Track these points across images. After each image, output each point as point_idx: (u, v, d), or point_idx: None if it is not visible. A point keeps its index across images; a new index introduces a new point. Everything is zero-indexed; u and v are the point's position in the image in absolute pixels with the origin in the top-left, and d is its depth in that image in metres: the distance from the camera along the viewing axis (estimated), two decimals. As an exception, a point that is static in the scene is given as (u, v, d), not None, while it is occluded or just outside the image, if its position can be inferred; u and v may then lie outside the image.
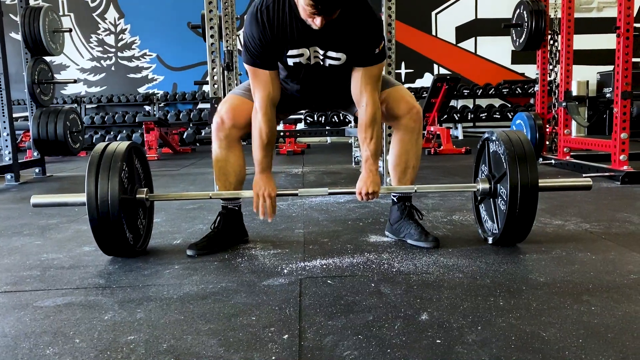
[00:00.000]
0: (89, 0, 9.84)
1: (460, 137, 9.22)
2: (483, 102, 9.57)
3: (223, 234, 2.16)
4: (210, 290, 1.64)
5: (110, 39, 9.92)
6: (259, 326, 1.35)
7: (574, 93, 9.17)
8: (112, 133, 9.43)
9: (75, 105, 9.57)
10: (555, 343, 1.21)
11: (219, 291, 1.63)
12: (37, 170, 5.12)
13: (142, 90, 9.98)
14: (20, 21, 4.82)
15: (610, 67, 8.94)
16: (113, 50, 9.95)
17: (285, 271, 1.82)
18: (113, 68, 9.97)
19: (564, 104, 4.62)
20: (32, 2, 5.14)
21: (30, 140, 5.04)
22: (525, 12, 5.01)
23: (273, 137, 2.00)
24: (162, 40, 9.85)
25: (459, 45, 9.96)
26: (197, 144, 9.14)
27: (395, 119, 2.07)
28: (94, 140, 9.22)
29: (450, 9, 9.92)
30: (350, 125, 3.64)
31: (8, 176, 4.59)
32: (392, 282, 1.67)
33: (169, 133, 7.77)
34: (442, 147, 6.43)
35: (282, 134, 5.83)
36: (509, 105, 9.50)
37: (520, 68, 9.81)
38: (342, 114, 8.80)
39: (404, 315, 1.39)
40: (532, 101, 9.36)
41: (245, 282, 1.71)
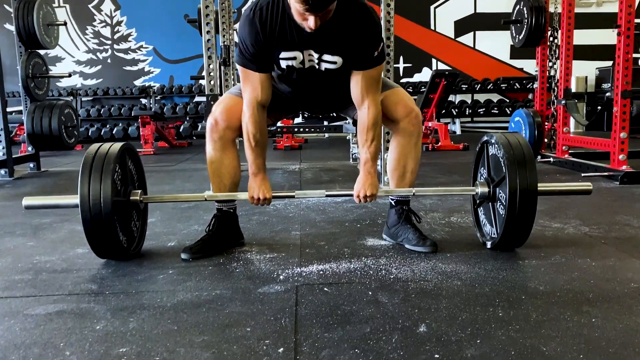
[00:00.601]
0: (85, -8, 9.75)
1: (458, 132, 9.19)
2: (481, 97, 9.53)
3: (218, 236, 2.12)
4: (204, 298, 1.61)
5: (106, 31, 9.83)
6: (254, 338, 1.32)
7: (573, 89, 9.18)
8: (108, 126, 9.37)
9: (71, 98, 9.48)
10: (555, 358, 1.19)
11: (214, 299, 1.60)
12: (31, 165, 5.07)
13: (138, 83, 9.91)
14: (14, 14, 4.75)
15: (609, 63, 8.94)
16: (109, 42, 9.86)
17: (281, 277, 1.79)
18: (109, 60, 9.88)
19: (564, 102, 4.59)
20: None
21: (25, 134, 4.98)
22: (525, 9, 4.96)
23: (262, 138, 1.96)
24: (159, 33, 9.76)
25: (458, 39, 9.91)
26: (194, 137, 9.10)
27: (393, 123, 2.04)
28: (89, 134, 9.17)
29: (449, 3, 9.85)
30: (347, 121, 3.60)
31: (2, 172, 4.55)
32: (390, 290, 1.64)
33: (165, 127, 7.71)
34: (440, 143, 6.40)
35: (279, 129, 5.78)
36: (507, 101, 9.47)
37: (519, 63, 9.76)
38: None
39: (401, 327, 1.37)
40: (530, 96, 9.34)
41: (240, 290, 1.68)
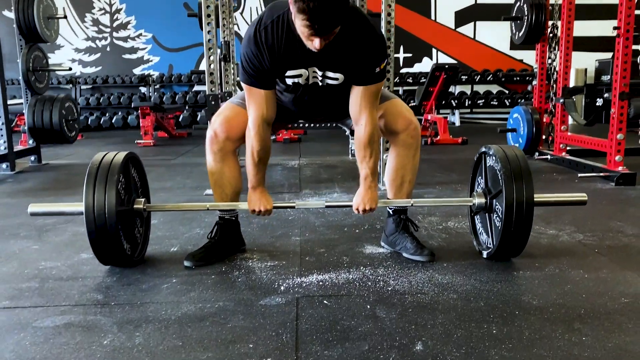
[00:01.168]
0: (84, -22, 9.68)
1: (457, 123, 9.21)
2: (481, 89, 9.54)
3: (220, 244, 2.17)
4: (207, 311, 1.66)
5: (105, 19, 9.78)
6: (257, 355, 1.37)
7: (573, 81, 9.18)
8: (107, 115, 9.38)
9: (70, 85, 9.49)
10: (546, 380, 1.24)
11: (217, 312, 1.65)
12: (32, 158, 5.10)
13: (137, 71, 9.89)
14: (14, 7, 4.74)
15: (609, 55, 8.93)
16: (108, 30, 9.81)
17: (282, 288, 1.84)
18: (108, 48, 9.84)
19: (562, 100, 4.61)
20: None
21: (25, 125, 5.00)
22: (525, 6, 4.96)
23: (265, 155, 2.00)
24: (158, 21, 9.71)
25: (458, 30, 9.88)
26: (193, 127, 9.11)
27: (393, 135, 2.07)
28: (89, 122, 9.18)
29: (450, -7, 9.82)
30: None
31: (3, 165, 4.58)
32: (387, 304, 1.69)
33: (165, 117, 7.72)
34: (438, 137, 6.43)
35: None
36: (507, 92, 9.48)
37: (518, 54, 9.75)
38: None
39: (398, 344, 1.42)
40: (529, 88, 9.35)
41: (243, 302, 1.73)
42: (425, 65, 9.77)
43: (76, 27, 9.76)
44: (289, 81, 1.90)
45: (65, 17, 5.25)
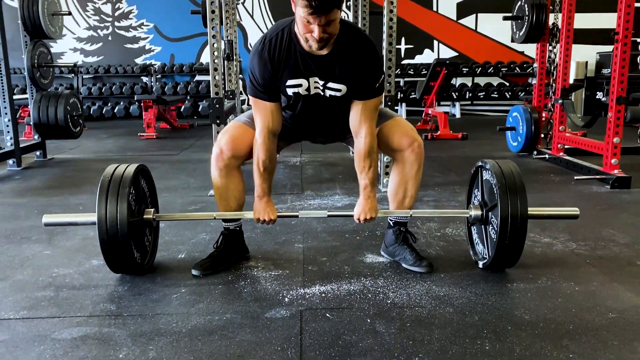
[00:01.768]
0: (85, -33, 9.66)
1: (458, 115, 9.27)
2: (482, 81, 9.57)
3: (225, 253, 2.26)
4: (216, 324, 1.75)
5: (107, 8, 9.77)
6: (264, 371, 1.47)
7: (573, 74, 9.21)
8: (109, 104, 9.43)
9: (73, 75, 9.51)
10: (533, 399, 1.33)
11: (225, 325, 1.74)
12: (37, 153, 5.18)
13: (139, 61, 9.90)
14: (19, 4, 4.78)
15: (610, 48, 8.92)
16: (110, 19, 9.81)
17: (286, 300, 1.93)
18: (110, 38, 9.85)
19: (561, 101, 4.67)
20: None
21: (30, 117, 5.05)
22: (526, 5, 5.00)
23: (271, 165, 2.09)
24: (160, 11, 9.70)
25: (460, 21, 9.88)
26: (195, 117, 9.16)
27: (397, 152, 2.15)
28: (91, 112, 9.24)
29: (452, -16, 9.79)
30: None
31: (10, 162, 4.65)
32: (387, 318, 1.78)
33: (167, 109, 7.77)
34: (439, 132, 6.49)
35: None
36: (507, 84, 9.51)
37: (520, 46, 9.74)
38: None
39: (397, 361, 1.51)
40: (530, 80, 9.38)
41: (249, 314, 1.82)
42: (426, 57, 9.79)
43: (78, 16, 9.76)
44: (290, 91, 1.99)
45: (70, 13, 5.29)
